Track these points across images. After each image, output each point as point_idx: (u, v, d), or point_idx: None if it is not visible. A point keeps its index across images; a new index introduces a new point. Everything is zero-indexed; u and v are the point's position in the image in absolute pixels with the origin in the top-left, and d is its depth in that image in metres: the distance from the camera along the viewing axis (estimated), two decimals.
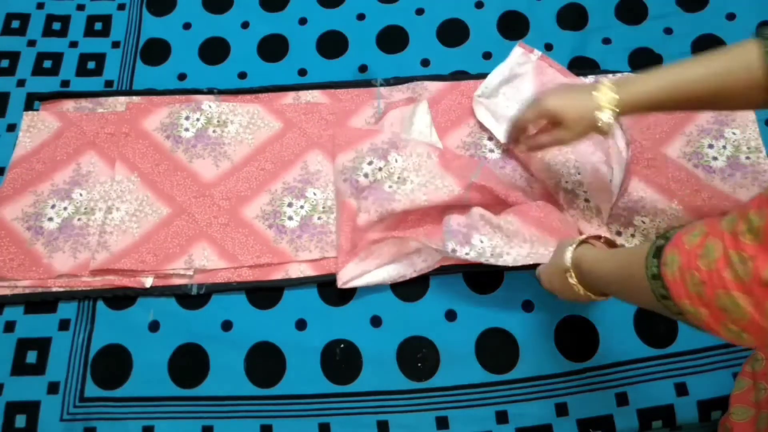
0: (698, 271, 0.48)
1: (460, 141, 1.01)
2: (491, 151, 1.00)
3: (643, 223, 0.93)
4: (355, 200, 0.95)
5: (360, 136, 1.00)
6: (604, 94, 0.72)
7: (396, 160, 0.96)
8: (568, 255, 0.70)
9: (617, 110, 0.71)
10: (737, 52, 0.65)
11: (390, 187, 0.93)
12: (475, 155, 0.99)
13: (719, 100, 0.68)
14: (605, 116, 0.72)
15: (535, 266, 0.83)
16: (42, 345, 0.90)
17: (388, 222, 0.92)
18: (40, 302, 0.92)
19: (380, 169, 0.95)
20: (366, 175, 0.95)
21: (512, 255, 0.86)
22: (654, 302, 0.54)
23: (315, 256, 0.93)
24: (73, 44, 1.14)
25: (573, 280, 0.70)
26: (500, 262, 0.85)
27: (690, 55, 1.07)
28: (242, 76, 1.10)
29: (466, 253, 0.86)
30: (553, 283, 0.75)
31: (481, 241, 0.87)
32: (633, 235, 0.93)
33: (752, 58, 0.63)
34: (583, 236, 0.73)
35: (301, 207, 0.97)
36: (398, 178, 0.94)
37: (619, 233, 0.93)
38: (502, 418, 0.84)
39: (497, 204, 0.92)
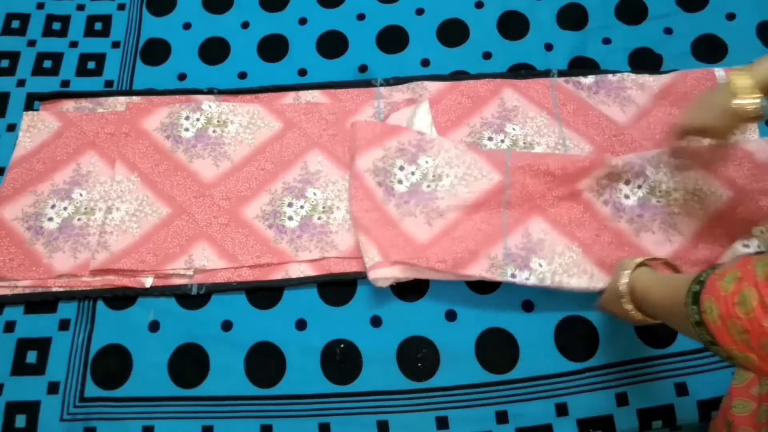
0: (739, 320, 0.49)
1: (461, 141, 1.00)
2: (399, 181, 0.97)
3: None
4: (394, 207, 0.94)
5: (385, 133, 0.99)
6: (738, 81, 0.71)
7: (426, 162, 0.96)
8: (624, 280, 0.70)
9: (756, 93, 0.71)
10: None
11: (428, 186, 0.94)
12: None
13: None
14: (747, 102, 0.71)
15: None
16: (42, 345, 0.90)
17: (436, 226, 0.92)
18: (40, 302, 0.92)
19: (413, 173, 0.96)
20: (400, 182, 0.95)
21: (572, 283, 0.87)
22: (693, 336, 0.55)
23: (315, 256, 0.93)
24: (73, 44, 1.14)
25: (629, 306, 0.69)
26: (563, 287, 0.86)
27: (690, 55, 1.08)
28: (242, 76, 1.10)
29: (526, 278, 0.87)
30: (609, 307, 0.76)
31: (540, 265, 0.87)
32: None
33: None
34: (641, 258, 0.73)
35: (301, 207, 0.97)
36: (433, 176, 0.95)
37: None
38: (502, 418, 0.84)
39: (542, 185, 0.92)
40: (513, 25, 1.13)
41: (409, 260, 0.88)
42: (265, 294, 0.93)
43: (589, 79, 1.05)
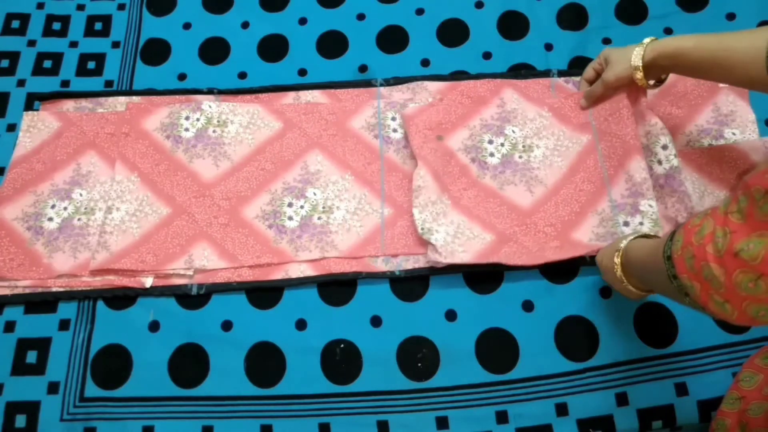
0: (692, 246, 0.54)
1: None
2: (491, 155, 0.99)
3: (651, 207, 0.92)
4: (491, 179, 0.96)
5: (464, 115, 1.01)
6: (643, 43, 0.87)
7: (513, 131, 0.98)
8: (624, 241, 0.75)
9: (644, 53, 0.85)
10: (751, 31, 0.74)
11: (520, 157, 0.97)
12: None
13: (730, 66, 0.76)
14: (636, 57, 0.86)
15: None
16: (42, 345, 0.90)
17: (537, 192, 0.95)
18: (40, 302, 0.92)
19: (502, 144, 0.98)
20: (492, 154, 0.97)
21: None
22: (670, 286, 0.58)
23: (315, 256, 0.93)
24: (73, 44, 1.14)
25: (617, 260, 0.74)
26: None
27: None
28: (242, 76, 1.10)
29: (639, 224, 0.88)
30: (603, 261, 0.80)
31: (650, 206, 0.89)
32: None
33: (760, 38, 0.71)
34: (632, 236, 0.76)
35: (301, 207, 0.97)
36: (523, 146, 0.98)
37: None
38: (502, 418, 0.84)
39: (628, 125, 0.93)
40: (513, 25, 1.13)
41: (517, 226, 0.91)
42: (265, 294, 0.93)
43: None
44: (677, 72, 0.87)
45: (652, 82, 0.91)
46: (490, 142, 0.98)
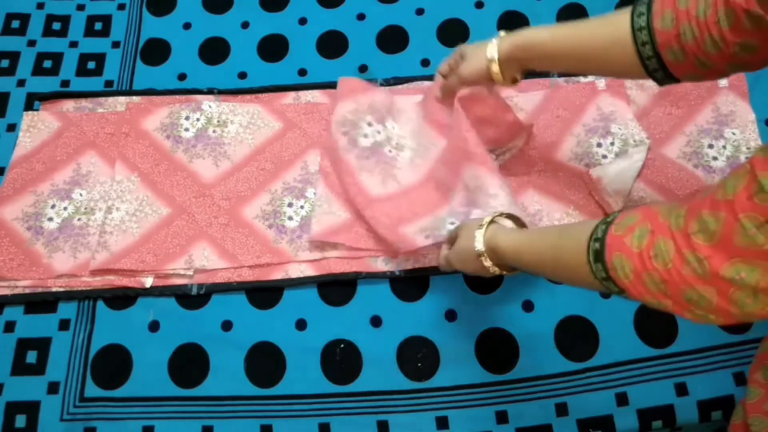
0: (656, 272, 0.51)
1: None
2: (365, 136, 0.99)
3: None
4: (355, 158, 0.96)
5: (363, 88, 1.01)
6: (498, 37, 0.80)
7: (393, 127, 0.99)
8: (479, 240, 0.73)
9: (499, 47, 0.79)
10: (613, 14, 0.69)
11: (390, 151, 0.98)
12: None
13: (591, 57, 0.72)
14: (491, 50, 0.79)
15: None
16: (42, 345, 0.90)
17: (390, 187, 0.95)
18: (40, 302, 0.92)
19: (378, 132, 0.98)
20: (365, 136, 0.98)
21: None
22: (596, 288, 0.59)
23: (315, 256, 0.93)
24: (73, 44, 1.14)
25: (488, 263, 0.73)
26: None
27: None
28: (242, 76, 1.10)
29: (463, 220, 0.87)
30: (467, 267, 0.78)
31: (479, 214, 0.87)
32: None
33: (623, 19, 0.67)
34: (489, 216, 0.75)
35: (301, 207, 0.97)
36: (396, 144, 0.98)
37: None
38: (502, 418, 0.84)
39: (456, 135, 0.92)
40: (513, 25, 1.11)
41: (360, 210, 0.92)
42: (265, 294, 0.93)
43: (589, 79, 1.05)
44: (537, 66, 0.80)
45: (510, 78, 0.83)
46: (369, 124, 0.99)
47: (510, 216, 0.78)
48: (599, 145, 0.98)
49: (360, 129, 0.98)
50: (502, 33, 0.80)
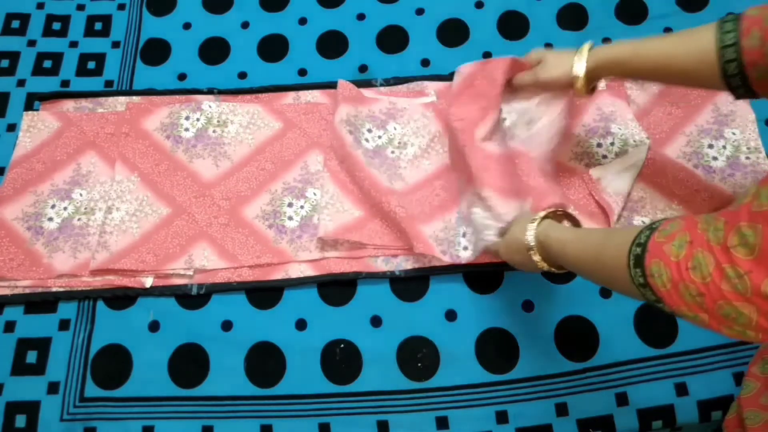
0: (693, 284, 0.50)
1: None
2: (366, 141, 1.00)
3: (643, 223, 0.93)
4: (362, 154, 0.97)
5: (361, 100, 1.02)
6: (582, 50, 0.83)
7: (395, 128, 1.00)
8: (531, 233, 0.73)
9: (586, 63, 0.82)
10: (696, 31, 0.72)
11: (392, 152, 0.99)
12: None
13: (673, 72, 0.75)
14: (578, 65, 0.82)
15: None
16: (42, 345, 0.90)
17: (397, 186, 0.95)
18: (40, 302, 0.92)
19: (379, 137, 0.99)
20: (367, 140, 0.99)
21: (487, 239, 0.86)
22: (633, 294, 0.58)
23: (315, 256, 0.93)
24: (73, 44, 1.14)
25: (537, 257, 0.73)
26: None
27: None
28: (242, 76, 1.10)
29: (471, 234, 0.88)
30: (514, 259, 0.78)
31: (477, 212, 0.88)
32: None
33: (707, 36, 0.70)
34: (544, 211, 0.76)
35: (301, 207, 0.97)
36: (399, 143, 0.99)
37: None
38: (502, 418, 0.84)
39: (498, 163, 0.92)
40: (513, 25, 1.13)
41: (374, 201, 0.92)
42: (265, 294, 0.93)
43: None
44: (621, 79, 0.84)
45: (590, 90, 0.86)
46: (369, 131, 0.99)
47: (566, 214, 0.79)
48: (599, 145, 0.98)
49: (362, 134, 0.99)
50: (586, 47, 0.82)
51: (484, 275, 0.92)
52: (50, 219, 0.97)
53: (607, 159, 0.97)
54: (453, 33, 1.12)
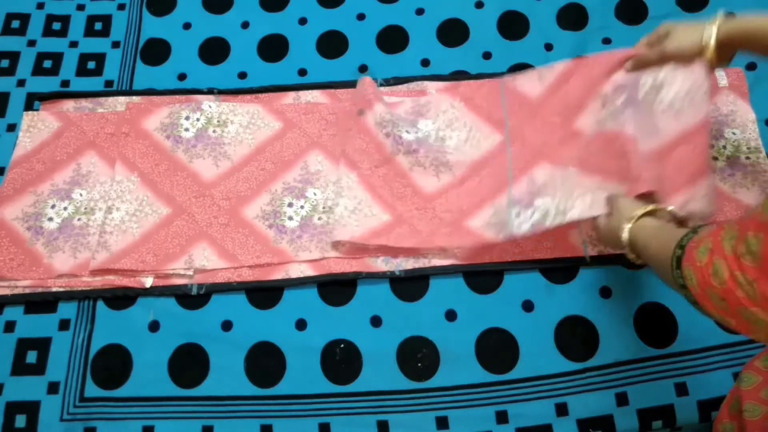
0: (715, 289, 0.52)
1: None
2: (407, 132, 0.99)
3: None
4: (404, 156, 0.96)
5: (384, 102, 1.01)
6: (715, 20, 0.80)
7: (427, 125, 1.00)
8: (625, 234, 0.73)
9: (717, 31, 0.79)
10: None
11: (435, 141, 0.98)
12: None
13: None
14: (708, 34, 0.79)
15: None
16: (42, 345, 0.90)
17: (443, 179, 0.96)
18: (40, 302, 0.92)
19: (417, 132, 0.99)
20: (408, 132, 0.98)
21: (577, 209, 0.84)
22: (682, 295, 0.58)
23: (315, 256, 0.93)
24: (73, 44, 1.14)
25: (632, 256, 0.73)
26: (567, 219, 0.84)
27: None
28: (242, 76, 1.10)
29: (532, 214, 0.87)
30: (608, 244, 0.80)
31: (543, 202, 0.88)
32: None
33: None
34: (647, 208, 0.74)
35: (301, 207, 0.97)
36: (436, 137, 0.99)
37: None
38: (502, 418, 0.84)
39: (541, 134, 0.92)
40: (513, 25, 1.13)
41: (416, 209, 0.92)
42: (265, 294, 0.93)
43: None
44: (749, 51, 0.81)
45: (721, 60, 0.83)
46: (407, 132, 0.98)
47: (672, 213, 0.76)
48: (710, 146, 0.96)
49: (401, 129, 0.98)
50: (720, 16, 0.79)
51: (484, 275, 0.92)
52: (50, 219, 0.97)
53: (718, 161, 0.97)
54: (453, 33, 1.13)
